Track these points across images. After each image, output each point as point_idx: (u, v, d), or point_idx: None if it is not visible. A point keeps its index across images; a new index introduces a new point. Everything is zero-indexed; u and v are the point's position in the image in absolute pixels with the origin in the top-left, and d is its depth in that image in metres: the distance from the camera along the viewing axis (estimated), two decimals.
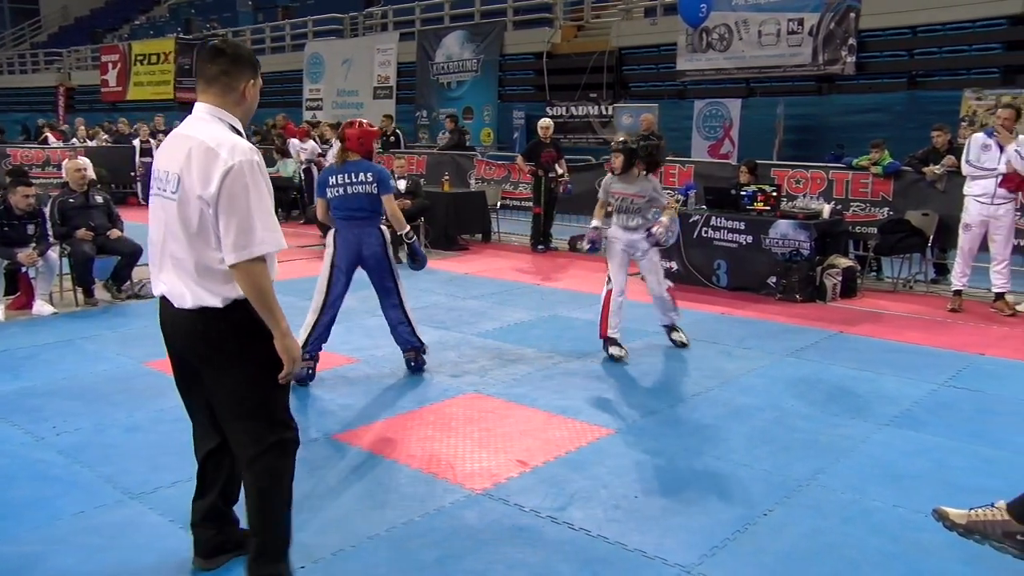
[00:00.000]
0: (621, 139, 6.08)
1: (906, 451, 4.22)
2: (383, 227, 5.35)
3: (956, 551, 3.17)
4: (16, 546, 3.21)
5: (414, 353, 5.48)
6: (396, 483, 3.79)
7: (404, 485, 3.77)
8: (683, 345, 6.16)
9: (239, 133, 2.71)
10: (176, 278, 2.69)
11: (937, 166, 8.28)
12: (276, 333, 2.70)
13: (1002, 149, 7.00)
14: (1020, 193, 7.17)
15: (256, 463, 2.79)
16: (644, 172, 5.94)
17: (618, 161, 5.91)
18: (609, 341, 5.87)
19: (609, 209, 6.10)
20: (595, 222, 6.16)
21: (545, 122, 10.86)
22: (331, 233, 5.28)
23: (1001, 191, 7.08)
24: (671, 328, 6.26)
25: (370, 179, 5.19)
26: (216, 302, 2.65)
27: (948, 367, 5.66)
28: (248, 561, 2.87)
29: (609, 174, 6.10)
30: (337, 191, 5.21)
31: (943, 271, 8.77)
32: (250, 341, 2.70)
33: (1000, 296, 7.31)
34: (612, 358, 5.78)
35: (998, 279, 7.28)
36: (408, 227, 5.45)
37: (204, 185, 2.57)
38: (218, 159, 2.56)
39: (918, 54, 12.85)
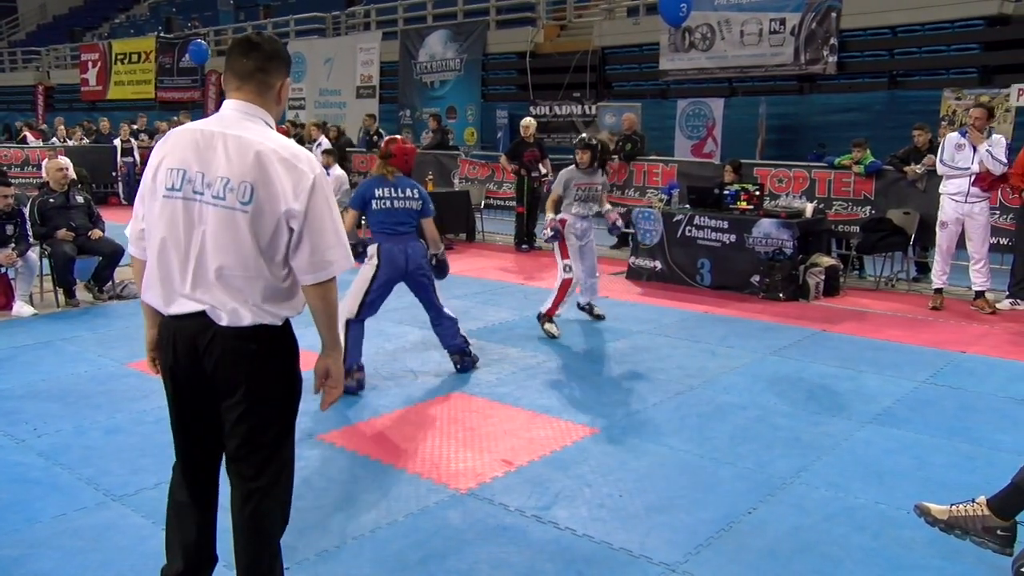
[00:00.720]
0: (585, 136, 6.77)
1: (888, 448, 4.25)
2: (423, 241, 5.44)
3: (937, 547, 3.20)
4: None
5: (460, 356, 5.55)
6: (380, 483, 3.78)
7: (388, 485, 3.76)
8: (601, 317, 6.91)
9: None
10: (225, 294, 2.35)
11: (918, 165, 8.35)
12: (335, 354, 2.59)
13: (975, 149, 7.11)
14: (994, 192, 7.27)
15: (267, 498, 2.54)
16: (597, 166, 6.59)
17: (586, 156, 6.47)
18: (549, 319, 6.41)
19: (565, 201, 6.54)
20: (551, 214, 6.48)
21: (527, 121, 10.87)
22: (374, 247, 5.23)
23: (975, 190, 7.20)
24: (591, 306, 6.97)
25: (416, 197, 5.32)
26: (276, 321, 2.44)
27: (929, 365, 5.71)
28: None
29: (572, 167, 6.57)
30: (383, 204, 5.23)
31: (924, 269, 8.85)
32: (292, 364, 2.54)
33: (980, 294, 7.40)
34: (549, 335, 6.33)
35: (977, 277, 7.39)
36: (443, 247, 5.66)
37: (291, 199, 2.32)
38: (302, 172, 2.35)
39: (898, 54, 12.95)
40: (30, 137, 17.67)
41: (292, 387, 2.56)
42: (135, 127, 17.31)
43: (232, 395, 2.42)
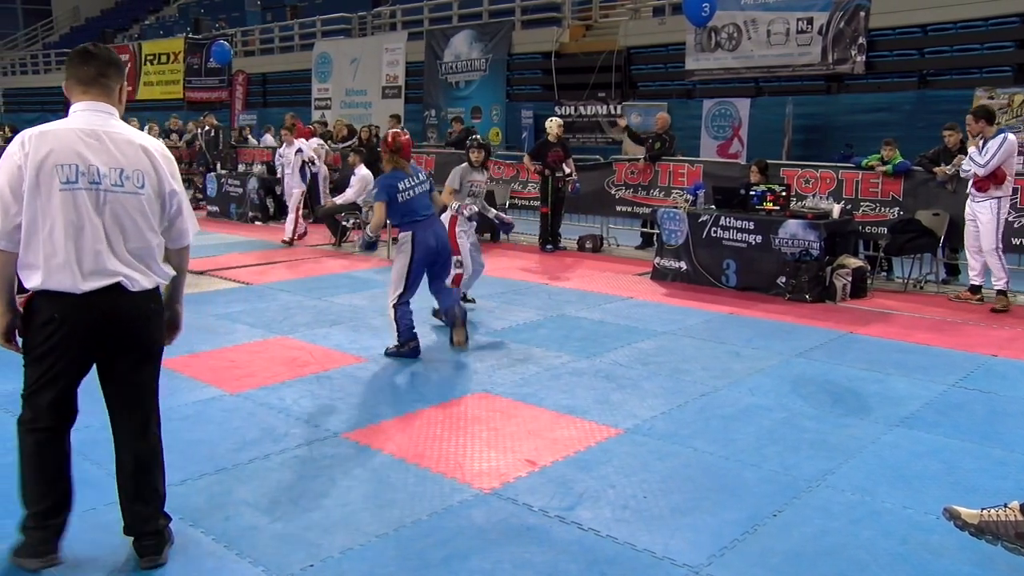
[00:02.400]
0: (479, 137, 7.53)
1: (916, 452, 4.20)
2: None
3: (967, 553, 3.15)
4: None
5: (457, 308, 6.07)
6: (404, 482, 3.80)
7: (412, 484, 3.77)
8: (472, 301, 7.30)
9: None
10: (133, 265, 2.88)
11: (948, 166, 8.24)
12: (181, 303, 3.19)
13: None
14: (992, 188, 7.35)
15: (155, 434, 3.13)
16: (482, 164, 7.31)
17: (481, 155, 7.25)
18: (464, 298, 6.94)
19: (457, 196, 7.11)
20: (456, 203, 6.97)
21: (552, 122, 10.83)
22: (408, 235, 5.73)
23: (973, 190, 7.47)
24: (463, 295, 7.09)
25: (424, 179, 5.92)
26: (165, 280, 3.02)
27: (959, 368, 5.63)
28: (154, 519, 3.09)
29: (466, 164, 7.25)
30: (408, 194, 5.72)
31: (954, 271, 8.74)
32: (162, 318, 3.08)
33: (975, 288, 7.66)
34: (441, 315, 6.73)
35: (971, 272, 7.70)
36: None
37: (172, 182, 2.98)
38: (172, 159, 3.02)
39: (929, 53, 12.80)
40: None
41: (161, 339, 3.10)
42: (168, 126, 17.51)
43: (137, 347, 2.97)
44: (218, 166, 15.30)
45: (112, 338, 2.91)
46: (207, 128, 16.17)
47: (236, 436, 4.33)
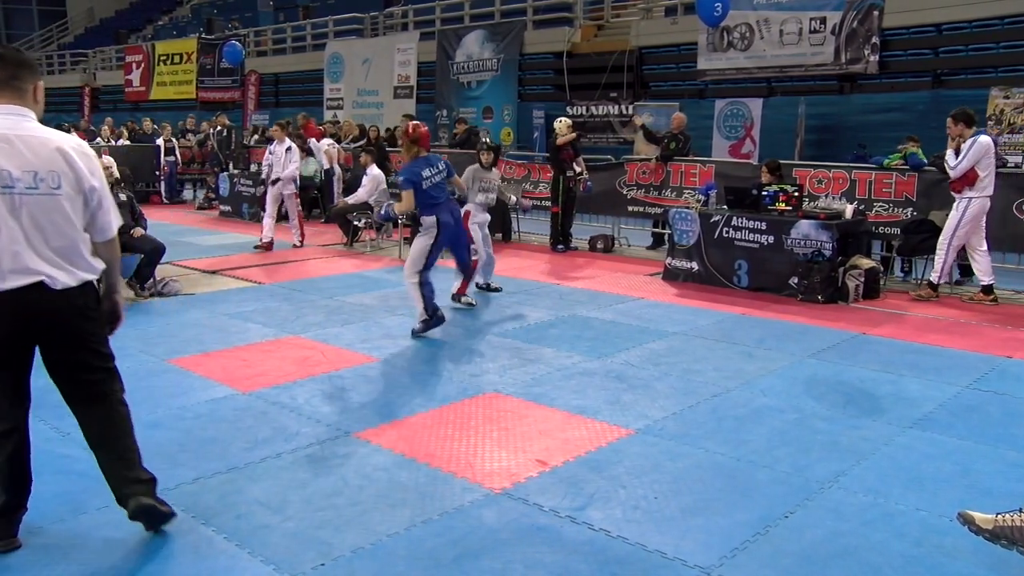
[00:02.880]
0: (488, 140, 8.57)
1: (929, 454, 4.17)
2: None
3: (981, 556, 3.13)
4: (41, 538, 3.25)
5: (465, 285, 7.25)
6: (415, 482, 3.80)
7: (423, 484, 3.78)
8: (498, 289, 8.01)
9: None
10: (55, 263, 2.97)
11: None
12: (118, 295, 3.32)
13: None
14: (966, 189, 7.55)
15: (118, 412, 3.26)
16: (492, 164, 8.13)
17: (490, 156, 8.12)
18: (464, 295, 7.45)
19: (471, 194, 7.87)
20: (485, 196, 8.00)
21: (562, 122, 10.80)
22: (432, 219, 6.35)
23: (951, 191, 7.74)
24: (488, 284, 8.03)
25: (443, 167, 6.50)
26: (95, 275, 3.12)
27: (973, 370, 5.59)
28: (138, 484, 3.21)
29: (477, 165, 8.05)
30: (430, 181, 6.32)
31: (967, 272, 8.68)
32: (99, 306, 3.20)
33: (930, 284, 7.89)
34: (468, 305, 7.36)
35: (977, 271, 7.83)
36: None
37: (91, 179, 3.04)
38: (91, 156, 3.09)
39: (943, 52, 12.71)
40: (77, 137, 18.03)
41: (101, 332, 3.23)
42: (183, 126, 17.61)
43: (69, 343, 3.08)
44: (230, 166, 15.37)
45: (40, 335, 3.03)
46: (219, 128, 16.25)
47: (248, 435, 4.35)
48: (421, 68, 19.09)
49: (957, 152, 7.53)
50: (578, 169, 10.48)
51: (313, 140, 13.60)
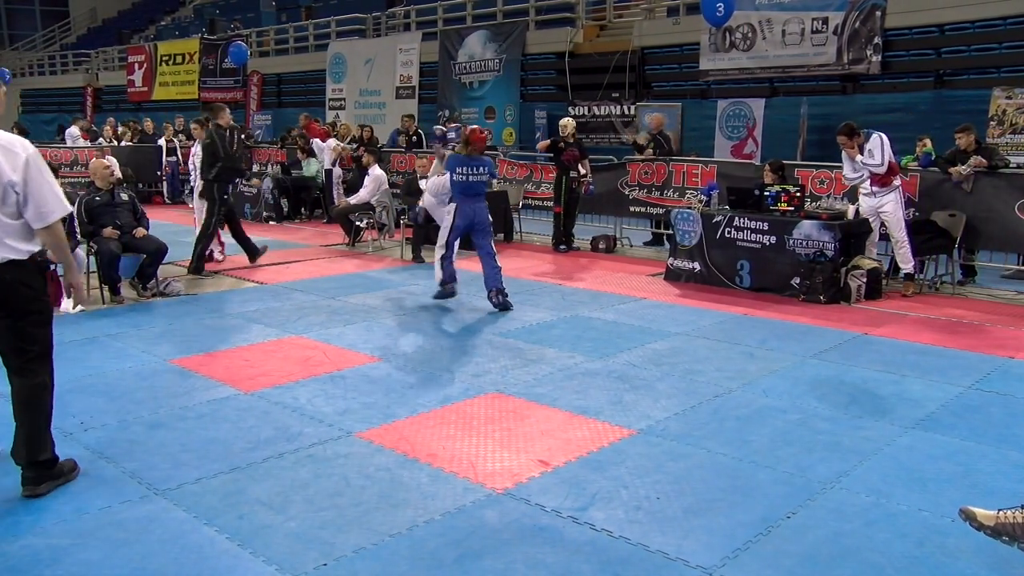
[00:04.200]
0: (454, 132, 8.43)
1: (932, 455, 4.17)
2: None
3: (984, 556, 3.13)
4: (44, 538, 3.26)
5: (497, 292, 7.31)
6: (417, 482, 3.80)
7: (425, 484, 3.78)
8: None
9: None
10: None
11: (964, 167, 8.17)
12: (70, 272, 3.75)
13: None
14: (893, 180, 7.98)
15: (37, 379, 3.64)
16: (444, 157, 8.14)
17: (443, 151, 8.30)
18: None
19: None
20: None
21: (565, 121, 10.80)
22: (453, 206, 7.38)
23: (876, 188, 8.05)
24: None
25: (485, 172, 7.40)
26: (22, 256, 3.52)
27: (975, 370, 5.59)
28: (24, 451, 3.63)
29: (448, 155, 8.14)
30: (463, 176, 7.26)
31: (971, 272, 8.68)
32: (40, 286, 3.60)
33: (908, 277, 8.09)
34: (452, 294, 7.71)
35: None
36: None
37: (11, 173, 3.43)
38: (16, 154, 3.45)
39: (946, 52, 12.70)
40: (80, 138, 18.04)
41: (41, 302, 3.63)
42: (180, 125, 17.58)
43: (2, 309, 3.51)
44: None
45: None
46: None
47: (250, 435, 4.35)
48: (423, 68, 19.09)
49: (852, 159, 8.03)
50: (582, 171, 10.47)
51: (317, 140, 13.60)
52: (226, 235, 9.58)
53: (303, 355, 5.84)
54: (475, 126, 7.78)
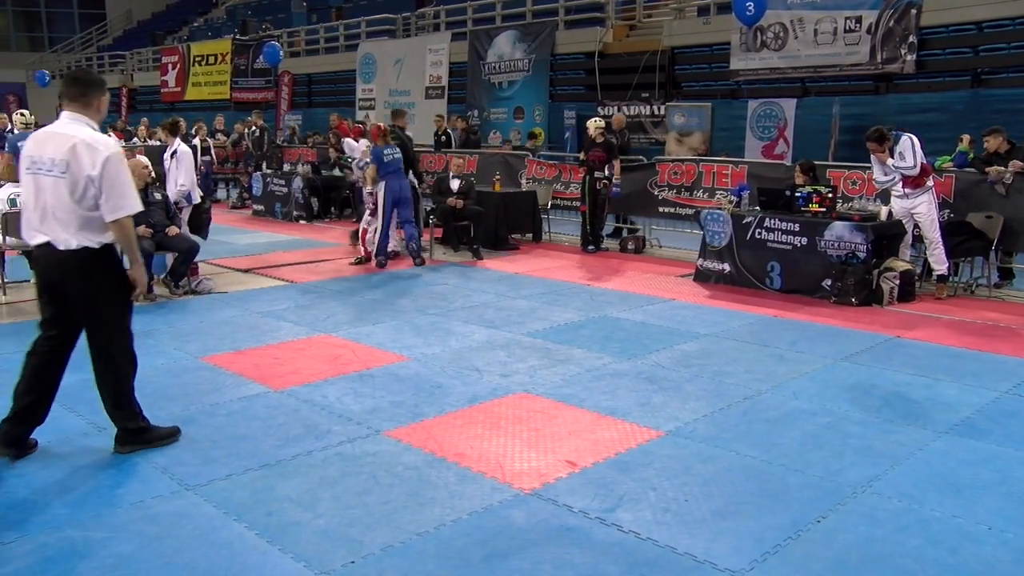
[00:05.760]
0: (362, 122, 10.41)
1: (967, 460, 4.10)
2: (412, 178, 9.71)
3: (1022, 567, 3.07)
4: (80, 531, 3.31)
5: (413, 243, 9.49)
6: (444, 481, 3.81)
7: (452, 483, 3.79)
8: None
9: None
10: (58, 228, 3.82)
11: (1005, 169, 8.01)
12: (135, 266, 4.02)
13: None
14: (926, 180, 7.89)
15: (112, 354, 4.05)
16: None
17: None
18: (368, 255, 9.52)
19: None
20: (370, 188, 9.53)
21: (590, 122, 10.76)
22: (383, 183, 9.25)
23: (908, 190, 7.97)
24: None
25: (398, 153, 9.33)
26: (94, 244, 3.86)
27: (1012, 374, 5.48)
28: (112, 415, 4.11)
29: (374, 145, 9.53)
30: (388, 158, 9.23)
31: (1008, 275, 8.52)
32: (108, 273, 3.95)
33: (941, 278, 7.98)
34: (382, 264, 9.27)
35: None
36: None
37: (90, 168, 3.77)
38: (98, 151, 3.79)
39: (983, 50, 12.49)
40: (114, 137, 18.33)
41: (112, 287, 3.98)
42: (216, 126, 17.79)
43: (73, 296, 3.92)
44: (263, 165, 15.52)
45: (56, 283, 3.93)
46: (253, 128, 16.42)
47: (279, 432, 4.39)
48: (453, 68, 19.15)
49: (883, 163, 7.97)
50: (607, 172, 10.41)
51: (349, 140, 13.68)
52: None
53: (332, 353, 5.88)
54: (375, 123, 10.47)
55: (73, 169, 3.78)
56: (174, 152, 8.48)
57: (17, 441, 4.02)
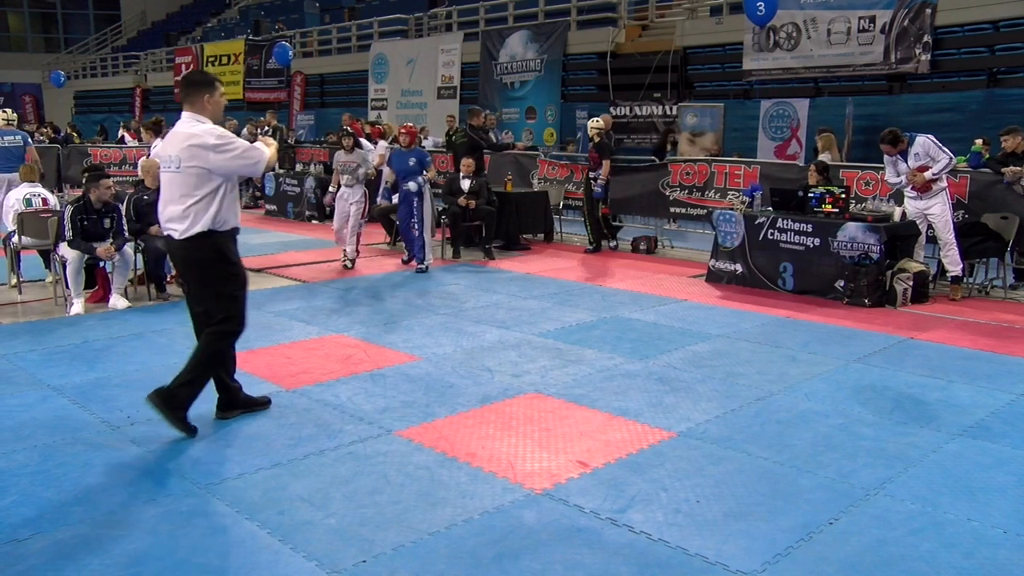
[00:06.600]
0: (347, 128, 10.42)
1: (981, 463, 4.07)
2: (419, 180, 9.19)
3: None
4: (93, 528, 3.33)
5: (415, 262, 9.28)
6: (456, 481, 3.82)
7: (464, 483, 3.79)
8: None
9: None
10: (174, 219, 4.26)
11: (1019, 168, 7.96)
12: (273, 151, 4.55)
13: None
14: (940, 181, 7.83)
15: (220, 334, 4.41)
16: (353, 148, 9.53)
17: (349, 141, 9.51)
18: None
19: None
20: (332, 188, 9.57)
21: (589, 122, 10.78)
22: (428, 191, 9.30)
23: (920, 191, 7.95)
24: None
25: (414, 161, 9.18)
26: (204, 229, 4.25)
27: None
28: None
29: (341, 151, 9.53)
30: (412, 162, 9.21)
31: (1023, 276, 8.46)
32: (219, 259, 4.30)
33: (956, 280, 7.91)
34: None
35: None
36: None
37: (206, 161, 4.20)
38: (210, 144, 4.20)
39: (1000, 49, 12.39)
40: (127, 137, 18.45)
41: (219, 271, 4.32)
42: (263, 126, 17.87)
43: (188, 279, 4.44)
44: (276, 165, 15.57)
45: (177, 268, 4.63)
46: (266, 128, 16.47)
47: (291, 431, 4.41)
48: (465, 68, 19.16)
49: (899, 164, 7.92)
50: (592, 174, 10.47)
51: (365, 141, 13.71)
52: None
53: (344, 353, 5.90)
54: (410, 125, 9.96)
55: (184, 163, 4.18)
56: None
57: (227, 405, 4.60)
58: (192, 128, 4.24)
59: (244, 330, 4.46)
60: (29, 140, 11.69)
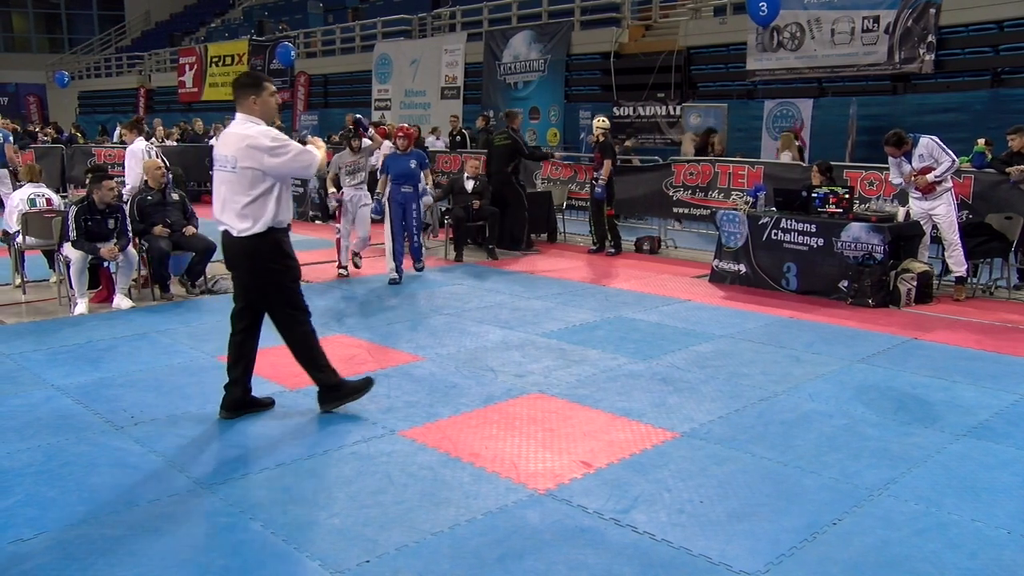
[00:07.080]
0: (349, 132, 9.62)
1: (985, 464, 4.07)
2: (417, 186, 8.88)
3: None
4: (98, 528, 3.34)
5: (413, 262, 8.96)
6: (459, 481, 3.82)
7: (467, 483, 3.79)
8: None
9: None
10: (231, 216, 4.35)
11: (1022, 166, 7.95)
12: (322, 150, 4.62)
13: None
14: (945, 181, 7.80)
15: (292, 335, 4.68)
16: (360, 148, 9.19)
17: (358, 143, 9.18)
18: (342, 267, 9.04)
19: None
20: (332, 189, 9.15)
21: (595, 121, 10.71)
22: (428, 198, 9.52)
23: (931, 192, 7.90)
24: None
25: (415, 164, 8.80)
26: (261, 229, 4.34)
27: None
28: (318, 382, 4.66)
29: (345, 151, 9.22)
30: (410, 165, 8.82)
31: None
32: (272, 257, 4.40)
33: (960, 280, 7.91)
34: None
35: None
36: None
37: (258, 162, 4.26)
38: (263, 146, 4.27)
39: (1004, 49, 12.36)
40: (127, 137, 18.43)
41: (274, 269, 4.44)
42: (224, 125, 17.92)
43: (242, 275, 4.52)
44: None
45: (231, 264, 4.58)
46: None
47: (295, 432, 4.41)
48: (468, 69, 19.16)
49: (903, 166, 7.88)
50: (595, 173, 10.44)
51: (383, 145, 13.69)
52: None
53: (347, 353, 5.90)
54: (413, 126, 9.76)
55: (241, 164, 4.26)
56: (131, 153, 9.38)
57: (232, 406, 4.61)
58: (247, 129, 4.31)
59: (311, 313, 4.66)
60: (10, 138, 11.71)
